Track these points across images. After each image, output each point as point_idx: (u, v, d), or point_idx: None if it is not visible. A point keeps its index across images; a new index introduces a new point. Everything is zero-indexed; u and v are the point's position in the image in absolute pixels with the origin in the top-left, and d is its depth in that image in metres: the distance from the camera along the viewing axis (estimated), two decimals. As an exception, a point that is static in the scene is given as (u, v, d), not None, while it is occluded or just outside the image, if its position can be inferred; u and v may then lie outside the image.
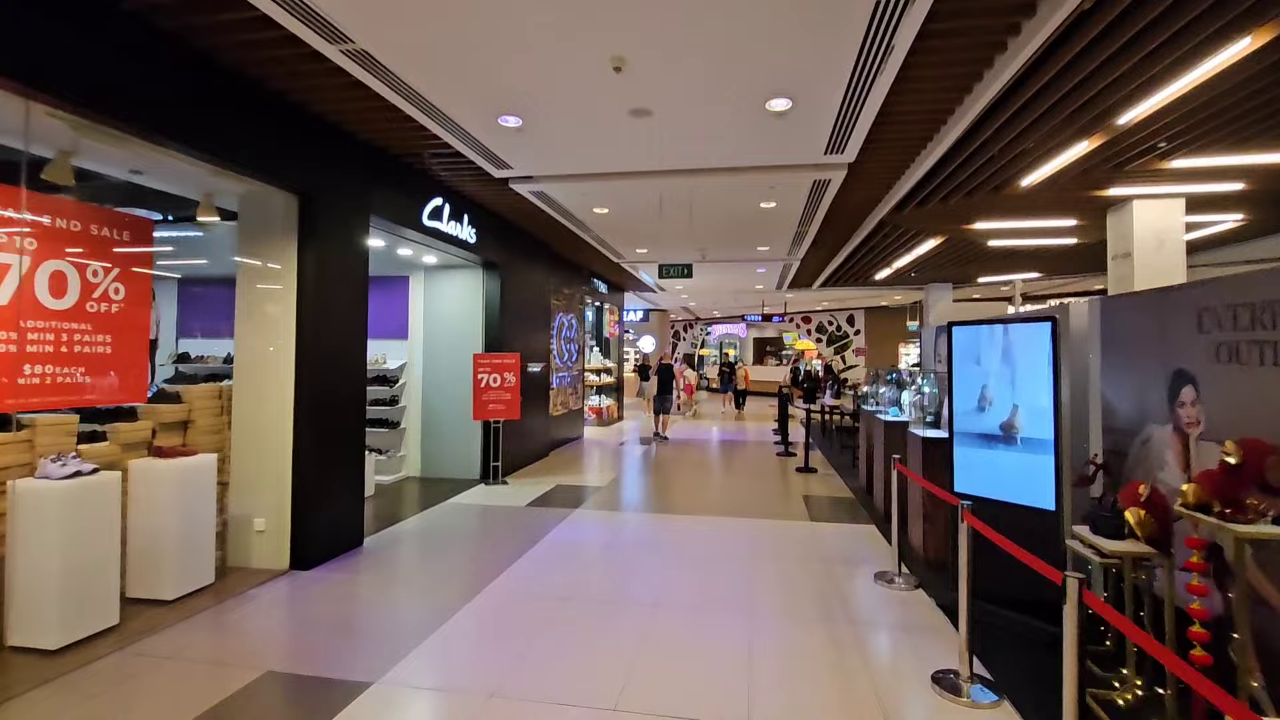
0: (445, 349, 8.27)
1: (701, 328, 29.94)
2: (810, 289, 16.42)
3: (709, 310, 25.00)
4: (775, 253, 10.71)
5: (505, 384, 7.94)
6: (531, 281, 9.58)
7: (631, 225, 8.49)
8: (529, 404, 9.32)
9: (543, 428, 10.05)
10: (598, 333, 15.45)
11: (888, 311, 22.38)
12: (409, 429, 8.33)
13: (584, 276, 12.78)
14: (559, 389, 11.15)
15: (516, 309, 8.90)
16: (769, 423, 15.50)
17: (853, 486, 8.00)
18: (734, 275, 13.49)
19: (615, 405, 15.64)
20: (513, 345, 8.60)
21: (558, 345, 11.04)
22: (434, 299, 8.40)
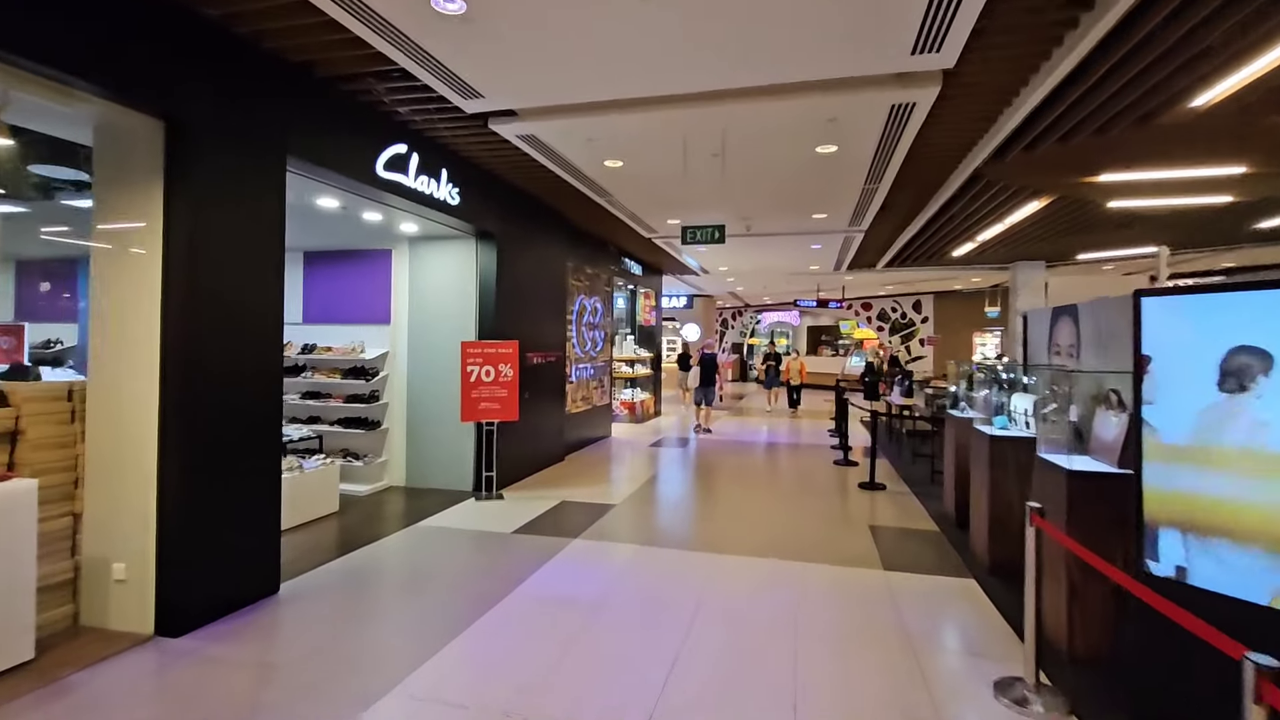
0: (435, 336, 6.96)
1: (751, 315, 28.07)
2: (873, 270, 14.47)
3: (758, 296, 23.16)
4: (834, 223, 8.95)
5: (501, 378, 6.57)
6: (541, 257, 8.17)
7: (654, 185, 6.94)
8: (538, 400, 7.95)
9: (556, 428, 8.67)
10: (631, 319, 13.98)
11: (960, 297, 20.03)
12: (392, 430, 7.09)
13: (612, 255, 11.31)
14: (579, 383, 9.75)
15: (520, 289, 7.51)
16: (824, 421, 13.71)
17: (934, 512, 6.28)
18: (785, 253, 11.75)
19: (651, 399, 14.17)
20: (515, 331, 7.22)
21: (577, 332, 9.62)
22: (422, 276, 7.10)
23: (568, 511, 6.20)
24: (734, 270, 14.73)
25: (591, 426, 10.32)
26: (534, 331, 7.88)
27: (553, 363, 8.44)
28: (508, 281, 7.15)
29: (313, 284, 7.30)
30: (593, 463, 8.79)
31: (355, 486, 6.75)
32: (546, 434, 8.30)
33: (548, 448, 8.36)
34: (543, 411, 8.16)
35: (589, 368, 10.15)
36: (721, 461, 9.05)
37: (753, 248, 11.21)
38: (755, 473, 8.32)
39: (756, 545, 5.19)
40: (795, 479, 7.90)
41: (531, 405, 7.74)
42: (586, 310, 10.02)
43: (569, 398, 9.31)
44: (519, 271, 7.45)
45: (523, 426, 7.42)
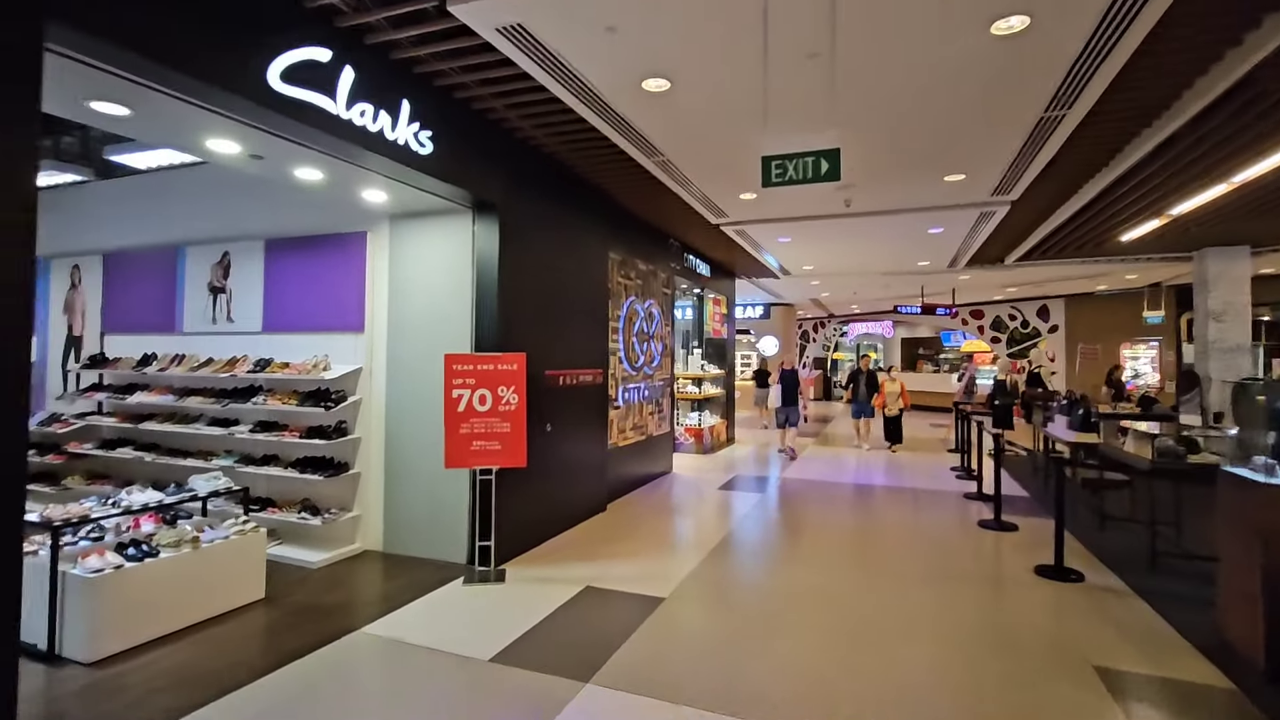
0: (422, 347, 5.11)
1: (835, 326, 25.23)
2: (998, 267, 11.68)
3: (845, 304, 20.43)
4: (971, 190, 6.51)
5: (501, 405, 4.61)
6: (569, 243, 6.20)
7: (718, 125, 4.81)
8: (566, 434, 5.94)
9: (594, 467, 6.61)
10: (698, 330, 11.83)
11: (1098, 301, 16.60)
12: (366, 475, 5.25)
13: (672, 250, 9.23)
14: (628, 407, 7.68)
15: (537, 283, 5.56)
16: (930, 453, 10.99)
17: (1199, 636, 3.73)
18: (891, 243, 9.27)
19: (723, 424, 11.92)
20: (526, 341, 5.27)
21: (625, 343, 7.58)
22: (406, 266, 5.27)
23: (590, 610, 4.10)
24: (821, 270, 12.31)
25: (645, 461, 8.21)
26: (559, 342, 5.89)
27: (589, 384, 6.42)
28: (517, 271, 5.21)
29: (275, 281, 5.63)
30: (642, 515, 6.67)
31: (310, 554, 4.94)
32: (578, 478, 6.25)
33: (580, 496, 6.31)
34: (573, 448, 6.13)
35: (642, 388, 8.08)
36: (816, 517, 6.70)
37: (850, 235, 8.84)
38: (868, 538, 5.93)
39: (908, 714, 2.90)
40: (931, 551, 5.47)
41: (555, 441, 5.73)
42: (639, 316, 7.98)
43: (614, 427, 7.26)
44: (535, 259, 5.50)
45: (539, 471, 5.42)
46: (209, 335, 5.89)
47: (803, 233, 8.75)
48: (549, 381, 5.64)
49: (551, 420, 5.66)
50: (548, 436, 5.60)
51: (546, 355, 5.63)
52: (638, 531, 6.01)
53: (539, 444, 5.45)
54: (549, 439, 5.62)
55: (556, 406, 5.78)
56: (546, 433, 5.58)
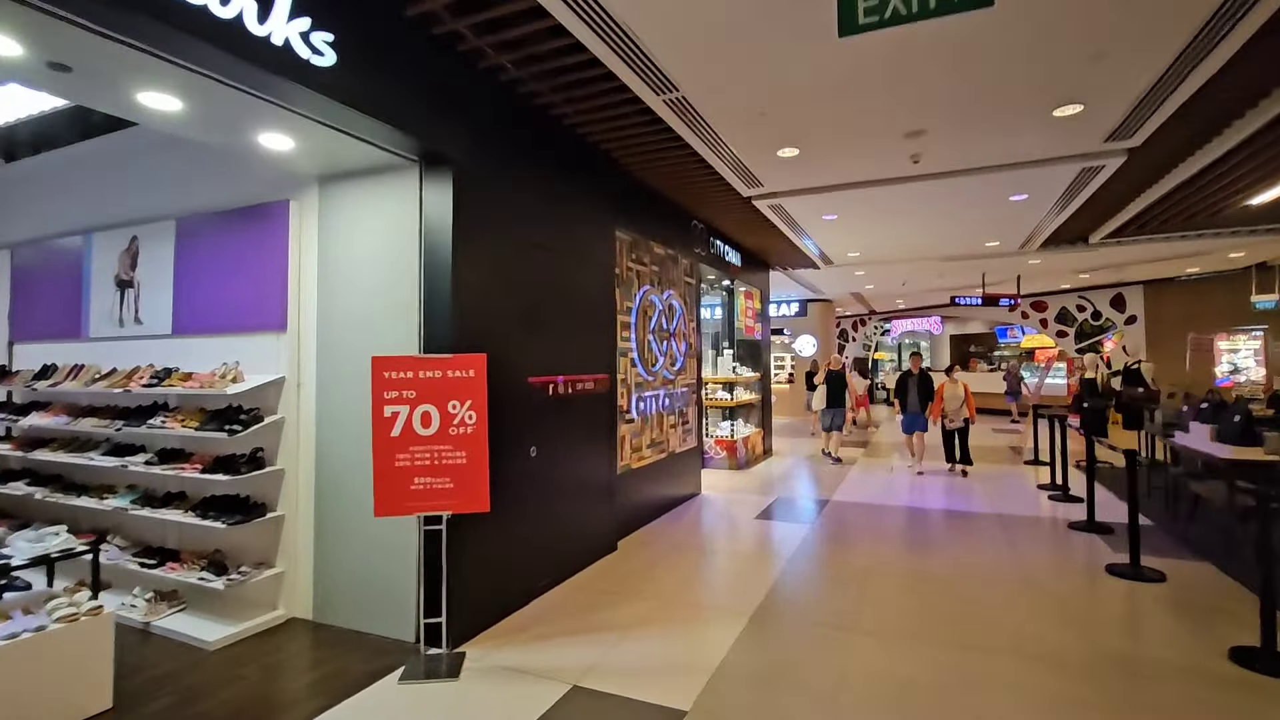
0: (365, 350, 3.81)
1: (876, 324, 23.44)
2: (1079, 248, 9.99)
3: (889, 298, 18.72)
4: (1084, 131, 4.98)
5: (454, 427, 3.30)
6: (560, 218, 4.87)
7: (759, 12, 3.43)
8: (558, 458, 4.60)
9: (598, 498, 5.26)
10: (729, 328, 10.41)
11: (1184, 286, 14.63)
12: (293, 519, 3.99)
13: (697, 234, 7.85)
14: (643, 420, 6.32)
15: (515, 263, 4.24)
16: (1002, 464, 9.33)
17: None
18: (960, 216, 7.70)
19: (759, 434, 10.46)
20: (502, 338, 3.96)
21: (640, 342, 6.23)
22: (342, 244, 4.01)
23: (571, 735, 2.75)
24: (869, 257, 10.77)
25: (667, 484, 6.82)
26: (548, 341, 4.56)
27: (591, 392, 5.08)
28: (483, 249, 3.90)
29: (186, 270, 4.44)
30: (661, 558, 5.29)
31: (210, 628, 3.70)
32: (577, 513, 4.91)
33: (579, 536, 4.96)
34: (569, 475, 4.79)
35: (661, 396, 6.71)
36: (881, 558, 5.22)
37: (910, 209, 7.33)
38: (958, 592, 4.44)
39: None
40: (1055, 616, 3.96)
41: (544, 468, 4.40)
42: (655, 309, 6.61)
43: (625, 445, 5.91)
44: (511, 233, 4.18)
45: (519, 510, 4.10)
46: (116, 341, 4.73)
47: (852, 207, 7.28)
48: (534, 391, 4.31)
49: (538, 441, 4.33)
50: (532, 463, 4.27)
51: (530, 358, 4.31)
52: (654, 584, 4.63)
53: (519, 474, 4.13)
54: (534, 466, 4.29)
55: (545, 423, 4.45)
56: (531, 458, 4.26)
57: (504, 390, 3.98)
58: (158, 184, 4.61)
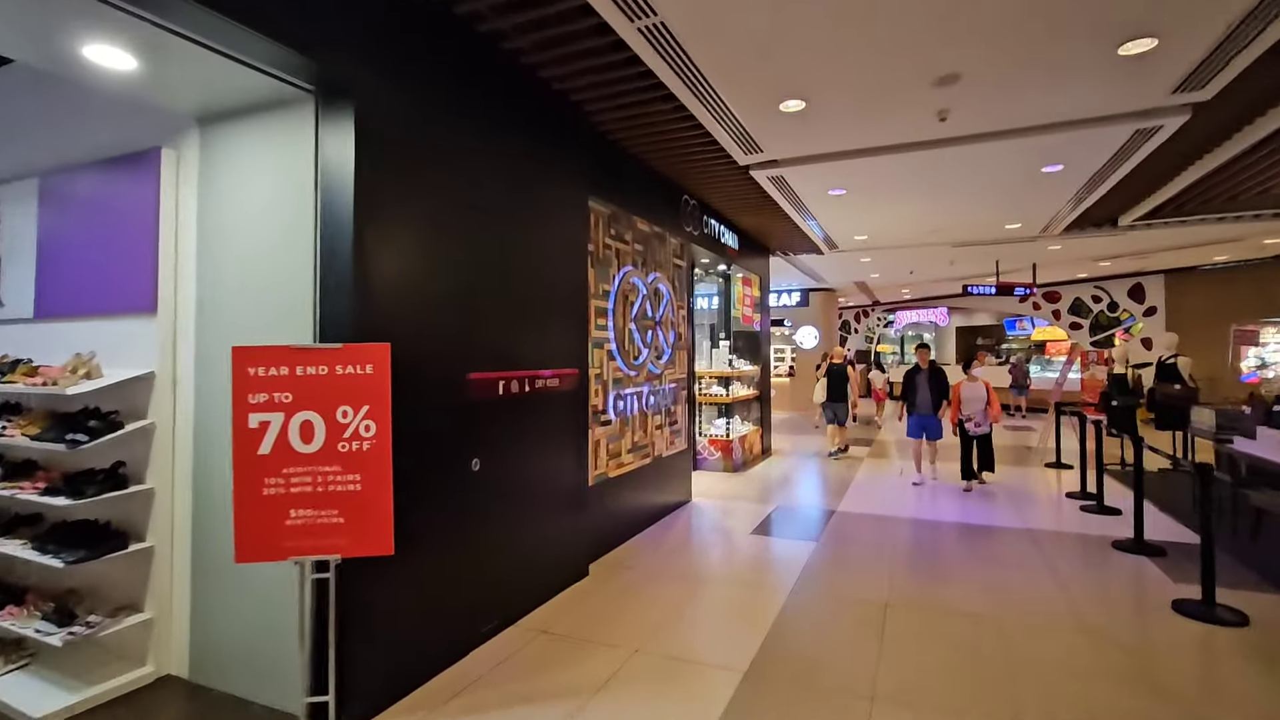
0: (256, 338, 2.95)
1: (879, 316, 22.60)
2: (1106, 231, 9.15)
3: (895, 288, 17.88)
4: (1153, 74, 4.11)
5: (345, 442, 2.46)
6: (518, 176, 4.00)
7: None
8: (516, 467, 3.77)
9: (564, 516, 4.43)
10: (725, 318, 9.58)
11: (1208, 275, 13.79)
12: (165, 551, 3.16)
13: (688, 212, 6.98)
14: (623, 421, 5.49)
15: (451, 230, 3.38)
16: (1020, 467, 8.51)
17: None
18: (986, 187, 6.82)
19: (757, 432, 9.65)
20: (432, 325, 3.14)
21: (619, 331, 5.38)
22: (226, 203, 3.15)
23: None
24: (877, 240, 9.90)
25: (652, 492, 6.00)
26: (496, 329, 3.72)
27: (555, 390, 4.24)
28: (403, 207, 3.05)
29: (50, 238, 3.58)
30: (638, 588, 4.47)
31: (53, 694, 2.88)
32: (535, 536, 4.08)
33: (537, 565, 4.14)
34: (524, 492, 3.96)
35: (646, 392, 5.87)
36: (899, 588, 4.40)
37: (929, 181, 6.46)
38: (993, 636, 3.63)
39: None
40: (1132, 680, 3.15)
41: (488, 485, 3.57)
42: (639, 294, 5.76)
43: (600, 450, 5.08)
44: (444, 191, 3.32)
45: (450, 542, 3.28)
46: (-25, 326, 3.88)
47: (863, 180, 6.43)
48: (477, 391, 3.47)
49: (481, 452, 3.50)
50: (474, 479, 3.44)
51: (472, 350, 3.47)
52: (628, 624, 3.81)
53: (454, 494, 3.30)
54: (476, 482, 3.46)
55: (493, 429, 3.61)
56: (472, 472, 3.43)
57: (433, 390, 3.15)
58: (17, 134, 3.74)
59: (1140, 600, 4.13)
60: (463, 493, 3.36)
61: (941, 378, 7.42)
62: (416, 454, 3.02)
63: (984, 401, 6.92)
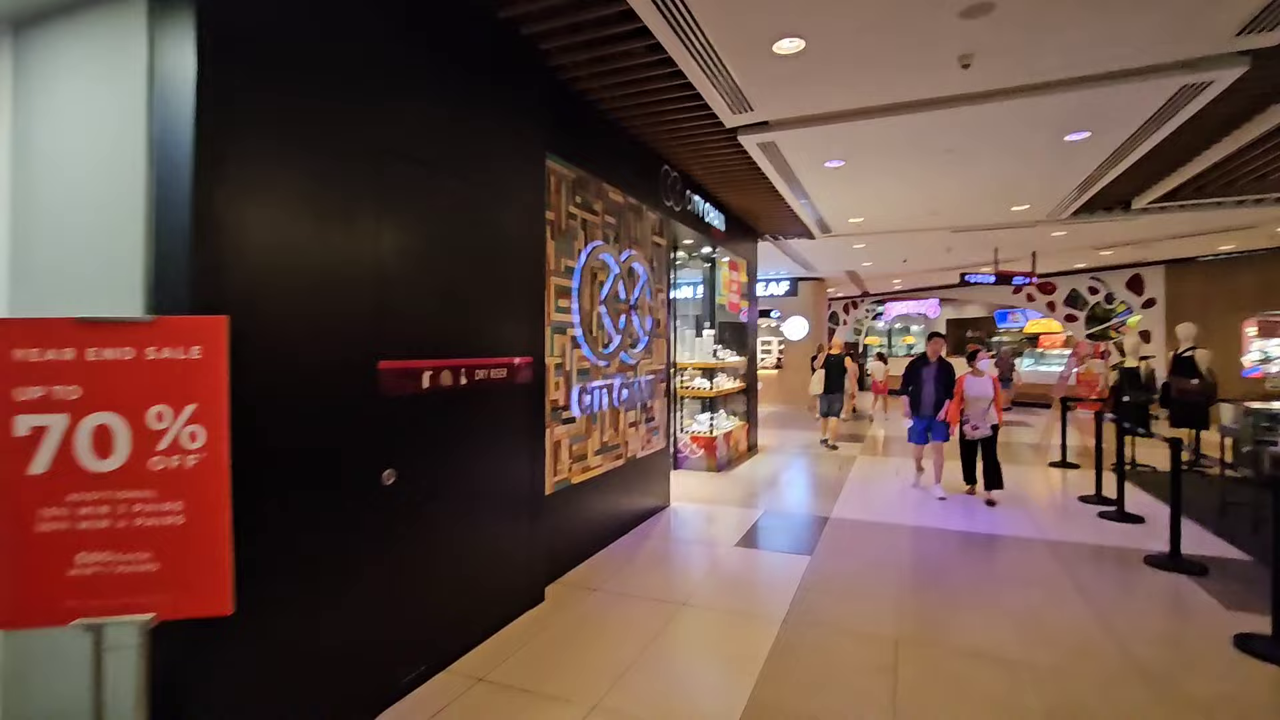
0: (88, 305, 2.19)
1: (868, 307, 22.07)
2: (1117, 215, 8.57)
3: (886, 278, 17.30)
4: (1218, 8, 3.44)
5: (161, 456, 1.71)
6: (442, 117, 3.25)
7: None
8: (448, 478, 3.05)
9: (510, 534, 3.72)
10: (709, 305, 8.88)
11: (1210, 266, 13.33)
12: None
13: (669, 185, 6.26)
14: (588, 419, 4.77)
15: (341, 175, 2.63)
16: (1021, 465, 7.93)
17: None
18: (1001, 158, 6.14)
19: (744, 428, 8.99)
20: (306, 300, 2.39)
21: (585, 314, 4.65)
22: (48, 133, 2.37)
23: None
24: (873, 225, 9.24)
25: (624, 497, 5.31)
26: (415, 306, 2.98)
27: (502, 382, 3.51)
28: (275, 140, 2.29)
29: None
30: (602, 617, 3.77)
31: None
32: (474, 559, 3.37)
33: (478, 592, 3.42)
34: (456, 507, 3.24)
35: (617, 386, 5.16)
36: (908, 616, 3.74)
37: (938, 152, 5.78)
38: (1049, 696, 2.98)
39: None
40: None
41: (403, 504, 2.84)
42: (610, 272, 5.03)
43: (562, 452, 4.36)
44: (331, 123, 2.56)
45: (346, 581, 2.54)
46: None
47: (865, 150, 5.74)
48: (391, 384, 2.74)
49: (399, 460, 2.77)
50: (388, 494, 2.72)
51: (383, 332, 2.73)
52: (588, 667, 3.11)
53: (357, 516, 2.58)
54: (391, 499, 2.74)
55: (414, 431, 2.89)
56: (385, 486, 2.70)
57: (324, 384, 2.41)
58: None
59: (1195, 634, 3.50)
60: (368, 513, 2.63)
61: (950, 375, 6.53)
62: (293, 467, 2.29)
63: (988, 400, 6.19)
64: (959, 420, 6.34)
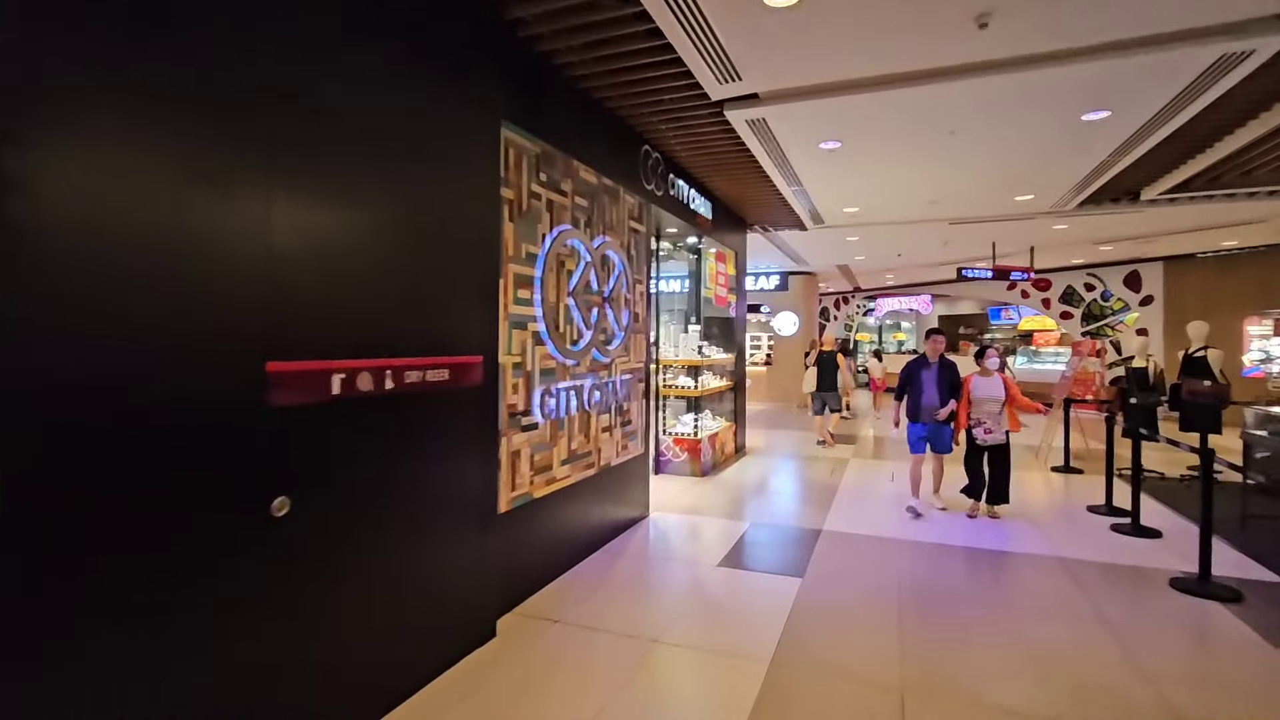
0: None
1: (859, 303, 21.67)
2: (1124, 207, 8.15)
3: (879, 273, 16.88)
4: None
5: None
6: (359, 49, 2.70)
7: None
8: (367, 503, 2.51)
9: (454, 562, 3.20)
10: (695, 299, 8.38)
11: (1211, 263, 12.99)
12: None
13: (650, 167, 5.72)
14: (552, 425, 4.24)
15: (227, 123, 2.07)
16: (1023, 470, 7.51)
17: None
18: (1009, 141, 5.65)
19: (731, 429, 8.51)
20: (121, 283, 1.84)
21: (550, 308, 4.11)
22: None
23: None
24: (868, 215, 8.75)
25: (596, 510, 4.80)
26: (323, 291, 2.43)
27: (442, 386, 2.98)
28: (89, 76, 1.74)
29: None
30: (561, 659, 3.26)
31: None
32: (403, 598, 2.84)
33: (406, 634, 2.90)
34: (371, 541, 2.71)
35: (588, 386, 4.63)
36: (926, 666, 3.26)
37: (942, 132, 5.28)
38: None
39: None
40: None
41: (306, 540, 2.30)
42: (580, 260, 4.50)
43: (520, 465, 3.84)
44: (212, 63, 2.01)
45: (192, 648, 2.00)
46: None
47: (864, 128, 5.23)
48: (288, 389, 2.20)
49: (296, 486, 2.24)
50: (275, 531, 2.18)
51: (279, 327, 2.19)
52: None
53: (226, 563, 2.04)
54: (278, 537, 2.20)
55: (319, 448, 2.35)
56: (276, 519, 2.16)
57: (179, 389, 1.87)
58: None
59: (1245, 680, 3.04)
60: (248, 555, 2.10)
61: (955, 375, 5.81)
62: (123, 502, 1.75)
63: (1000, 402, 5.61)
64: (966, 427, 5.70)
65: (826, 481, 7.21)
